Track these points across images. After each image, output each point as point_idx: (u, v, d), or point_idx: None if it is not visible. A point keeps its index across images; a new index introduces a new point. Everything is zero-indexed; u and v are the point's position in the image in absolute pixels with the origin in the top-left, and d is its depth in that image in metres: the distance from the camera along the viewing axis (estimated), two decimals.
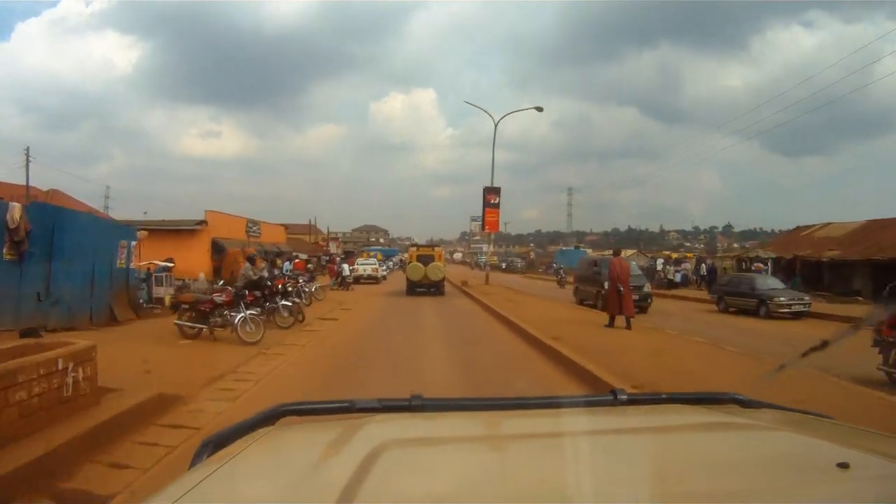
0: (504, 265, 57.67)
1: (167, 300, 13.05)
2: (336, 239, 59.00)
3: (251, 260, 10.81)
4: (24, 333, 7.93)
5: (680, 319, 14.08)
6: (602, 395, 1.27)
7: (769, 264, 23.07)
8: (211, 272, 21.58)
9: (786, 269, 22.94)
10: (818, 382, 5.35)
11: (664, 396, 1.35)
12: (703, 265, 27.85)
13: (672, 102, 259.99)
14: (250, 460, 0.95)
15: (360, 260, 33.55)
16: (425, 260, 21.18)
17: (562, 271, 32.37)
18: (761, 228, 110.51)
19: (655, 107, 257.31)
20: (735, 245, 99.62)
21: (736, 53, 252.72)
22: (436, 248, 23.02)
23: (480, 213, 27.99)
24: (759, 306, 15.16)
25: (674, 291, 25.20)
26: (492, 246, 31.77)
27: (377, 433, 1.02)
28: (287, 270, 17.36)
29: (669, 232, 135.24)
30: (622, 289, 10.27)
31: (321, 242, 48.59)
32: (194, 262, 22.02)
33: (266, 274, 11.11)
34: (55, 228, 10.04)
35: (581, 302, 17.89)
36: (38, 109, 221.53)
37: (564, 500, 0.75)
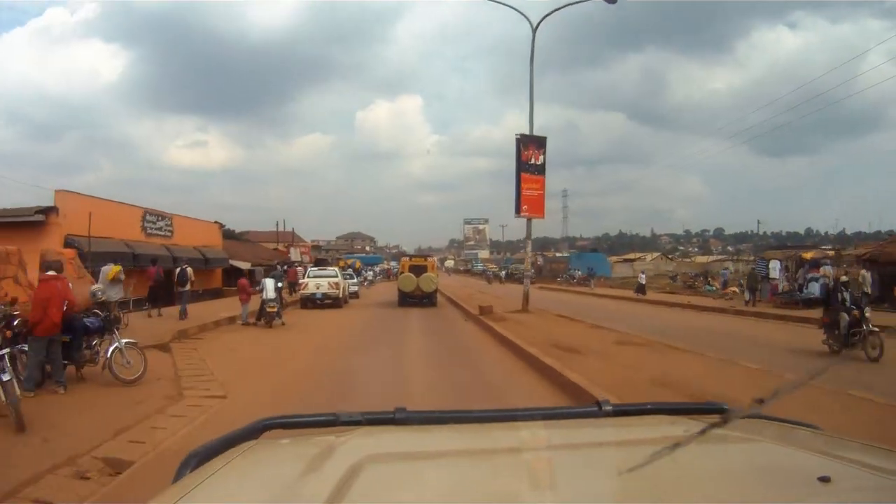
0: (504, 273, 47.21)
1: None
2: (307, 245, 48.57)
3: None
4: None
5: None
6: (587, 407, 1.27)
7: None
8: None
9: None
10: None
11: (649, 407, 1.32)
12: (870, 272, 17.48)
13: (657, 106, 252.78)
14: (234, 474, 0.94)
15: (312, 270, 21.29)
16: (417, 271, 20.01)
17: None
18: (753, 231, 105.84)
19: (641, 111, 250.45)
20: (730, 248, 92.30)
21: (720, 56, 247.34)
22: (428, 259, 21.80)
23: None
24: None
25: (807, 313, 16.45)
26: (529, 249, 18.06)
27: (361, 447, 1.02)
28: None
29: (661, 236, 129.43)
30: None
31: (283, 248, 38.59)
32: (35, 273, 13.06)
33: None
34: None
35: None
36: (24, 119, 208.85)
37: None
